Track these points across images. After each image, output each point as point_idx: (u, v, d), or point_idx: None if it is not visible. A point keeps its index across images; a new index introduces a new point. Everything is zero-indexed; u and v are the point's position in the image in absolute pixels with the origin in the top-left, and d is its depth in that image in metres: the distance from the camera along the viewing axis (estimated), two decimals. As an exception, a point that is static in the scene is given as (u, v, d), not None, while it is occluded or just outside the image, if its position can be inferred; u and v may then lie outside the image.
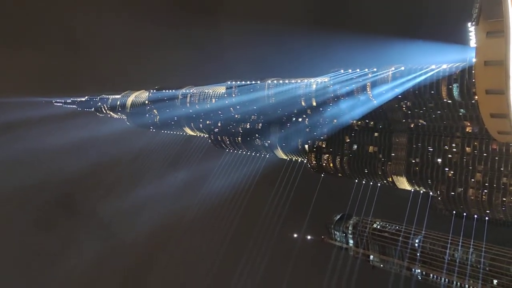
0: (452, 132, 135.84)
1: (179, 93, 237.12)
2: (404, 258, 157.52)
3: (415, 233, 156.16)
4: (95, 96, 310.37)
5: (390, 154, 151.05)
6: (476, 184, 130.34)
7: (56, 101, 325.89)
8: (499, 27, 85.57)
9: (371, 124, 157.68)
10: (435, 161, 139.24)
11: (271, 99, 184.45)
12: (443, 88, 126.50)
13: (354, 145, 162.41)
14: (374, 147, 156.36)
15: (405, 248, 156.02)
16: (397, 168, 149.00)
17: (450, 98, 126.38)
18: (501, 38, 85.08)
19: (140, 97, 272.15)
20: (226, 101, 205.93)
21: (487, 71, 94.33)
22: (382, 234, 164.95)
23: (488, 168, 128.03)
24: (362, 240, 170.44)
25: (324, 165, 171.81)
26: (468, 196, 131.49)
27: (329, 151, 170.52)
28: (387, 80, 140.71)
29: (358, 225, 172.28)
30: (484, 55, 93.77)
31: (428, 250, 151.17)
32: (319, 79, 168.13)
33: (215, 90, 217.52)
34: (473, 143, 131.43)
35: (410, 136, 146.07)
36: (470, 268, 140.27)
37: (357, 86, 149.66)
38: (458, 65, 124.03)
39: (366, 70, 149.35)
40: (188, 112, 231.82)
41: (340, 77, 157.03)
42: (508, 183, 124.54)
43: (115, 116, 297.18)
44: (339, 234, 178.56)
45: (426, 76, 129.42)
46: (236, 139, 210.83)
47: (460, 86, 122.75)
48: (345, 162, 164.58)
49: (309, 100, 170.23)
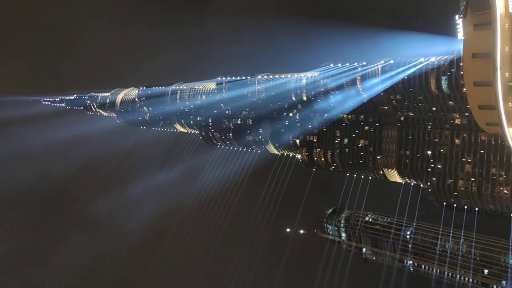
0: (441, 124, 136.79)
1: (169, 89, 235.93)
2: (396, 250, 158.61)
3: (406, 225, 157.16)
4: (84, 94, 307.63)
5: (381, 147, 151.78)
6: (466, 175, 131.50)
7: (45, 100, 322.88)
8: (486, 19, 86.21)
9: (362, 117, 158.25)
10: (425, 153, 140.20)
11: (261, 94, 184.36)
12: (432, 80, 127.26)
13: (345, 139, 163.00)
14: (365, 140, 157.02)
15: (397, 240, 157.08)
16: (388, 161, 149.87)
17: (439, 90, 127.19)
18: (488, 30, 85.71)
19: (130, 94, 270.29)
20: (217, 97, 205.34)
21: (475, 63, 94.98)
22: (374, 227, 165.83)
23: (477, 159, 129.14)
24: (354, 233, 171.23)
25: (316, 159, 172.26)
26: (458, 187, 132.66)
27: (320, 145, 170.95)
28: (376, 73, 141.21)
29: (350, 219, 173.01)
30: (472, 47, 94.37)
31: (419, 241, 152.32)
32: (309, 74, 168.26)
33: (205, 86, 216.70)
34: (462, 135, 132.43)
35: (400, 129, 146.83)
36: (461, 258, 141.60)
37: (347, 80, 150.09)
38: (447, 58, 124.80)
39: (355, 64, 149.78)
40: (178, 109, 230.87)
41: (330, 71, 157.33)
42: (497, 173, 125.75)
43: (105, 114, 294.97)
44: (331, 227, 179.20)
45: (415, 69, 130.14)
46: (227, 135, 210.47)
47: (448, 78, 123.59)
48: (336, 156, 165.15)
49: (299, 94, 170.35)
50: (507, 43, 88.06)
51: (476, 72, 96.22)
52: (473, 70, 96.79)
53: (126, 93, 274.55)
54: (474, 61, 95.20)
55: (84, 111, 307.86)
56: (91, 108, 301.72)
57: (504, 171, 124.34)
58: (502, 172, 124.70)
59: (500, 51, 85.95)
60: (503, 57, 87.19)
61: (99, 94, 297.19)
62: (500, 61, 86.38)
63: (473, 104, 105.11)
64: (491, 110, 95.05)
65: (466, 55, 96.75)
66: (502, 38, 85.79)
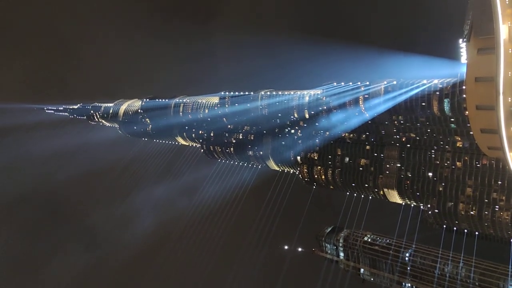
0: (443, 147, 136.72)
1: (172, 102, 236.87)
2: (395, 272, 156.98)
3: (405, 247, 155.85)
4: (88, 103, 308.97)
5: (382, 167, 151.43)
6: (467, 198, 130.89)
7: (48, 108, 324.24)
8: (490, 44, 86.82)
9: (363, 137, 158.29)
10: (426, 175, 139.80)
11: (264, 110, 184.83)
12: (435, 102, 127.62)
13: (346, 157, 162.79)
14: (366, 160, 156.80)
15: (396, 262, 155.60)
16: (389, 181, 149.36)
17: (441, 112, 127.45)
18: (492, 55, 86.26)
19: (133, 105, 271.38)
20: (219, 111, 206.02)
21: (477, 87, 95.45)
22: (372, 247, 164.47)
23: (479, 183, 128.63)
24: (352, 253, 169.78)
25: (316, 177, 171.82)
26: (459, 210, 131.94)
27: (321, 163, 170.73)
28: (379, 93, 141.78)
29: (349, 238, 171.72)
30: (475, 71, 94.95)
31: (418, 264, 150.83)
32: (312, 92, 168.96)
33: (208, 100, 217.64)
34: (464, 158, 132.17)
35: (402, 149, 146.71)
36: (460, 282, 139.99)
37: (349, 99, 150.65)
38: (450, 81, 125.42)
39: (358, 83, 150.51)
40: (180, 122, 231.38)
41: (333, 89, 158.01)
42: (498, 198, 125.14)
43: (107, 124, 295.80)
44: (330, 246, 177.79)
45: (417, 91, 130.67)
46: (228, 149, 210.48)
47: (451, 101, 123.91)
48: (336, 174, 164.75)
49: (301, 112, 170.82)
50: (510, 68, 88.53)
51: (478, 96, 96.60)
52: (476, 94, 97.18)
53: (130, 104, 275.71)
54: (477, 85, 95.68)
55: (86, 121, 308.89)
56: (93, 118, 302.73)
57: (505, 195, 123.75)
58: (503, 197, 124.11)
59: (503, 76, 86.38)
60: (506, 82, 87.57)
61: (102, 105, 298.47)
62: (503, 86, 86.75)
63: (475, 127, 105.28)
64: (493, 134, 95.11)
65: (469, 79, 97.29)
66: (506, 63, 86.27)
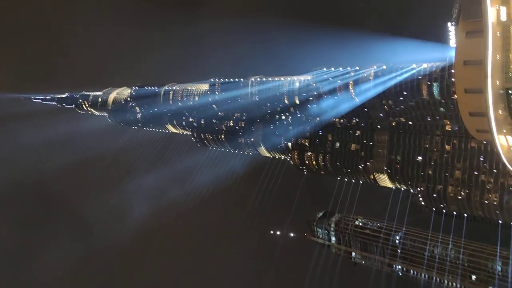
0: (432, 130, 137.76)
1: (161, 90, 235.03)
2: (385, 255, 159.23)
3: (396, 230, 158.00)
4: (76, 92, 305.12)
5: (372, 152, 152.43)
6: (455, 181, 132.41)
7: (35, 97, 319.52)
8: (478, 27, 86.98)
9: (354, 122, 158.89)
10: (416, 159, 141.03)
11: (254, 96, 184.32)
12: (424, 86, 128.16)
13: (336, 143, 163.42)
14: (356, 145, 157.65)
15: (386, 245, 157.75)
16: (379, 166, 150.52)
17: (430, 96, 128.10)
18: (480, 38, 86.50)
19: (122, 94, 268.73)
20: (209, 98, 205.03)
21: (466, 71, 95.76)
22: (363, 231, 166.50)
23: (467, 166, 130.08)
24: (344, 237, 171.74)
25: (307, 162, 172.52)
26: (448, 193, 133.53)
27: (312, 149, 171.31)
28: (369, 78, 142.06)
29: (340, 223, 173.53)
30: (463, 54, 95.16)
31: (408, 246, 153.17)
32: (302, 77, 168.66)
33: (198, 87, 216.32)
34: (453, 141, 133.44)
35: (392, 134, 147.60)
36: (449, 264, 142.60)
37: (339, 85, 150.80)
38: (439, 64, 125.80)
39: (348, 69, 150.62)
40: (170, 109, 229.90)
41: (323, 75, 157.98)
42: (487, 180, 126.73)
43: (97, 113, 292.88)
44: (321, 231, 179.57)
45: (407, 75, 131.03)
46: (219, 137, 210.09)
47: (440, 85, 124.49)
48: (327, 160, 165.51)
49: (292, 98, 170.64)
50: (498, 51, 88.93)
51: (467, 79, 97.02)
52: (465, 77, 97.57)
53: (118, 92, 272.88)
54: (465, 68, 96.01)
55: (75, 110, 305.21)
56: (82, 107, 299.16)
57: (493, 178, 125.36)
58: (491, 179, 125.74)
59: (491, 59, 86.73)
60: (494, 65, 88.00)
61: (91, 93, 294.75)
62: (491, 69, 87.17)
63: (463, 111, 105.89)
64: (482, 117, 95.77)
65: (458, 62, 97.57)
66: (494, 46, 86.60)
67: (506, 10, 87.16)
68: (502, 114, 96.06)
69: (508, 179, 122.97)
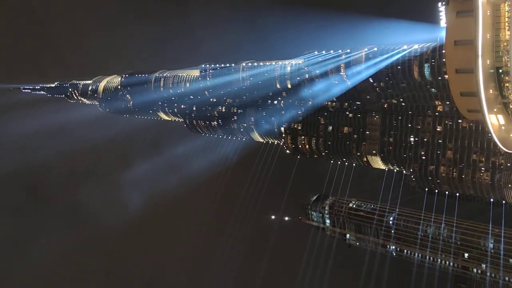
0: (424, 111, 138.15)
1: (152, 77, 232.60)
2: (379, 236, 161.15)
3: (389, 211, 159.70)
4: (65, 82, 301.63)
5: (365, 134, 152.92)
6: (447, 161, 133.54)
7: (24, 87, 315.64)
8: (468, 7, 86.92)
9: (346, 105, 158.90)
10: (408, 140, 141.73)
11: (246, 82, 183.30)
12: (415, 68, 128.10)
13: (329, 126, 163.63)
14: (349, 127, 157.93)
15: (380, 226, 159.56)
16: (372, 148, 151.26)
17: (421, 77, 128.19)
18: (471, 18, 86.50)
19: (113, 82, 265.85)
20: (201, 84, 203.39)
21: (457, 51, 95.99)
22: (357, 213, 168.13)
23: (459, 146, 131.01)
24: (338, 220, 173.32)
25: (300, 147, 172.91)
26: (440, 173, 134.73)
27: (304, 133, 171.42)
28: (360, 60, 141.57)
29: (334, 205, 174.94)
30: (454, 34, 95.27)
31: (402, 227, 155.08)
32: (293, 61, 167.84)
33: (189, 73, 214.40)
34: (444, 122, 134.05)
35: (384, 116, 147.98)
36: (442, 243, 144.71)
37: (331, 68, 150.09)
38: (429, 45, 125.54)
39: (339, 51, 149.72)
40: (162, 97, 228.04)
41: (314, 58, 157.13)
42: (478, 159, 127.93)
43: (87, 102, 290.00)
44: (316, 214, 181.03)
45: (398, 57, 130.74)
46: (211, 123, 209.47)
47: (431, 65, 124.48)
48: (320, 143, 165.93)
49: (284, 82, 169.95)
50: (488, 31, 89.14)
51: (458, 59, 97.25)
52: (455, 57, 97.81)
53: (109, 80, 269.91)
54: (456, 48, 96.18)
55: (65, 99, 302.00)
56: (72, 96, 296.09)
57: (485, 157, 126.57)
58: (483, 158, 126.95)
59: (482, 39, 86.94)
60: (484, 45, 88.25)
61: (80, 82, 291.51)
62: (481, 49, 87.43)
63: (455, 91, 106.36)
64: (473, 97, 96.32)
65: (449, 43, 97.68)
66: (484, 26, 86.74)
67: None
68: (493, 93, 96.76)
69: (499, 158, 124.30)
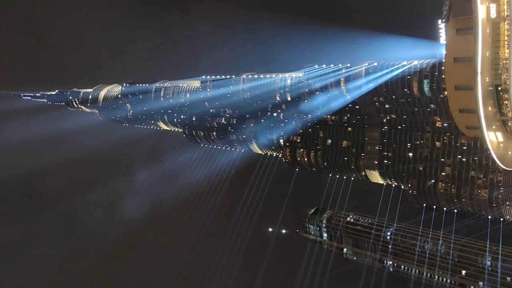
0: (423, 127, 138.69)
1: (153, 87, 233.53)
2: (377, 251, 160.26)
3: (387, 226, 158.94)
4: (66, 89, 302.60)
5: (363, 149, 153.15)
6: (446, 177, 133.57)
7: (25, 94, 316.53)
8: (468, 24, 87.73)
9: (345, 118, 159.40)
10: (407, 155, 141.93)
11: (246, 93, 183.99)
12: (414, 83, 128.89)
13: (328, 139, 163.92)
14: (348, 141, 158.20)
15: (378, 241, 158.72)
16: (370, 162, 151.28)
17: (421, 93, 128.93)
18: (470, 35, 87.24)
19: (113, 91, 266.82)
20: (201, 95, 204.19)
21: (456, 67, 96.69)
22: (355, 227, 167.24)
23: (457, 162, 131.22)
24: (336, 234, 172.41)
25: (299, 159, 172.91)
26: (438, 189, 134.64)
27: (303, 145, 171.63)
28: (360, 75, 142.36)
29: (332, 219, 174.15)
30: (453, 51, 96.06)
31: (399, 242, 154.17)
32: (293, 74, 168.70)
33: (190, 84, 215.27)
34: (443, 138, 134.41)
35: (383, 130, 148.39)
36: (440, 259, 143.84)
37: (331, 81, 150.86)
38: (429, 61, 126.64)
39: (340, 66, 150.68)
40: (162, 106, 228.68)
41: (314, 72, 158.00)
42: (476, 176, 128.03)
43: (87, 110, 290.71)
44: (313, 227, 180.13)
45: (398, 72, 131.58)
46: (211, 134, 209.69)
47: (430, 81, 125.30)
48: (319, 156, 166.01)
49: (283, 95, 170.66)
50: (488, 48, 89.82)
51: (457, 76, 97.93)
52: (455, 74, 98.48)
53: (109, 89, 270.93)
54: (455, 65, 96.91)
55: (65, 107, 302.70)
56: (72, 104, 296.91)
57: (483, 174, 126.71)
58: (481, 175, 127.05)
59: (481, 56, 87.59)
60: (484, 62, 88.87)
61: (81, 90, 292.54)
62: (481, 66, 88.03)
63: (453, 107, 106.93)
64: (471, 113, 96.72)
65: (448, 59, 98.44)
66: (483, 43, 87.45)
67: (496, 8, 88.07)
68: (491, 111, 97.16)
69: (498, 175, 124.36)
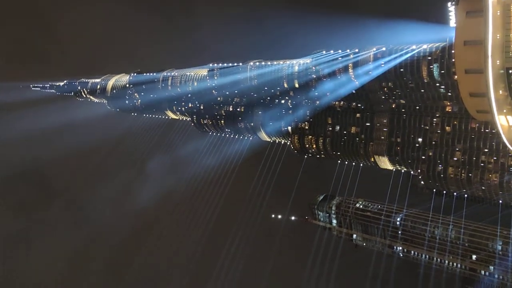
0: (432, 112, 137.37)
1: (160, 76, 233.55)
2: (386, 236, 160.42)
3: (396, 212, 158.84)
4: (74, 80, 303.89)
5: (372, 135, 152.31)
6: (456, 162, 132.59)
7: (34, 85, 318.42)
8: (478, 7, 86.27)
9: (353, 105, 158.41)
10: (416, 140, 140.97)
11: (253, 81, 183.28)
12: (424, 68, 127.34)
13: (336, 126, 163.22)
14: (356, 127, 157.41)
15: (387, 227, 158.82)
16: (379, 148, 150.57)
17: (430, 78, 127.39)
18: (480, 18, 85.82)
19: (121, 80, 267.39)
20: (208, 83, 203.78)
21: (466, 51, 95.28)
22: (364, 214, 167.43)
23: (467, 147, 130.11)
24: (345, 220, 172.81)
25: (307, 146, 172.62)
26: (448, 174, 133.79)
27: (312, 132, 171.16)
28: (368, 60, 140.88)
29: (341, 205, 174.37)
30: (463, 34, 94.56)
31: (409, 228, 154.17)
32: (301, 61, 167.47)
33: (197, 72, 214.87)
34: (453, 122, 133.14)
35: (392, 116, 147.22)
36: (450, 244, 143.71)
37: (339, 67, 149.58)
38: (438, 45, 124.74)
39: (347, 51, 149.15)
40: (170, 95, 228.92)
41: (322, 58, 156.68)
42: (487, 161, 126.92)
43: (96, 100, 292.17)
44: (322, 214, 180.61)
45: (407, 56, 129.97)
46: (219, 122, 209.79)
47: (440, 66, 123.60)
48: (327, 143, 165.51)
49: (291, 81, 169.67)
50: (498, 31, 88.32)
51: (467, 60, 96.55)
52: (465, 58, 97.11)
53: (117, 79, 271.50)
54: (465, 48, 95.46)
55: (74, 97, 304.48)
56: (81, 94, 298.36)
57: (494, 158, 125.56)
58: (492, 159, 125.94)
59: (492, 39, 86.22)
60: (494, 45, 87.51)
61: (89, 80, 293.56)
62: (491, 49, 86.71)
63: (464, 91, 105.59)
64: (482, 97, 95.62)
65: (458, 43, 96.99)
66: (494, 26, 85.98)
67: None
68: (502, 94, 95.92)
69: (509, 159, 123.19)
